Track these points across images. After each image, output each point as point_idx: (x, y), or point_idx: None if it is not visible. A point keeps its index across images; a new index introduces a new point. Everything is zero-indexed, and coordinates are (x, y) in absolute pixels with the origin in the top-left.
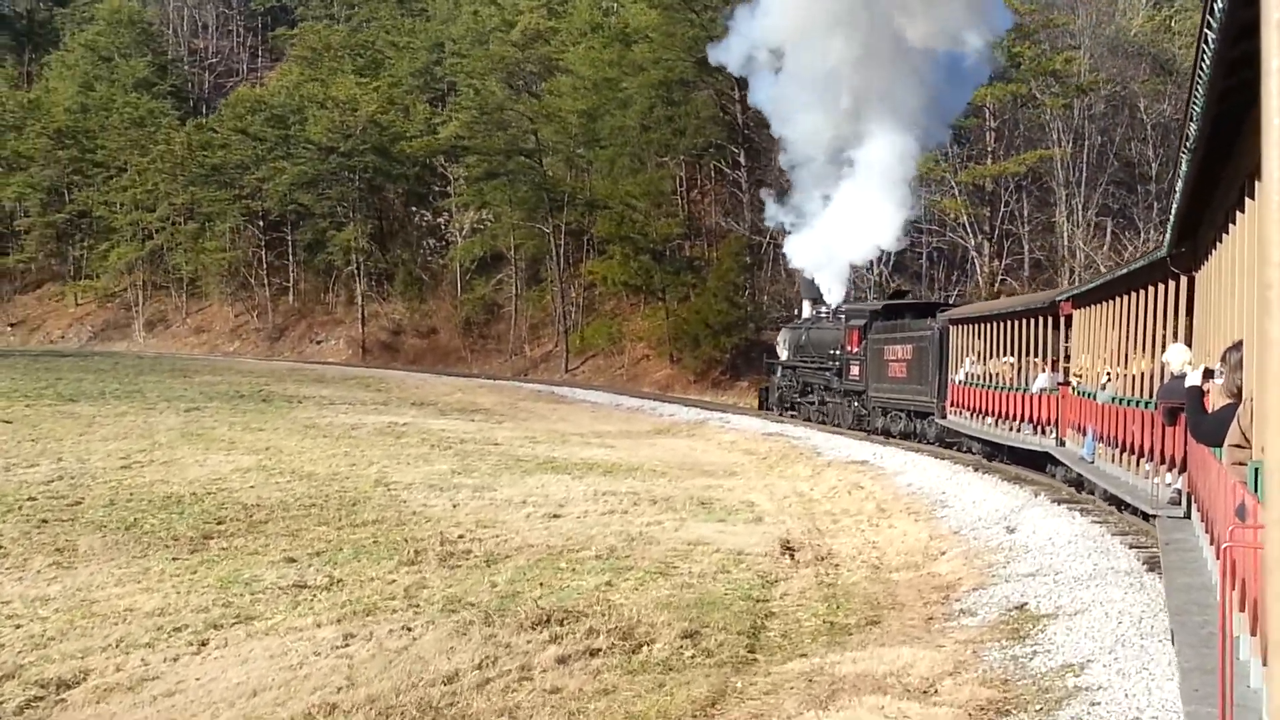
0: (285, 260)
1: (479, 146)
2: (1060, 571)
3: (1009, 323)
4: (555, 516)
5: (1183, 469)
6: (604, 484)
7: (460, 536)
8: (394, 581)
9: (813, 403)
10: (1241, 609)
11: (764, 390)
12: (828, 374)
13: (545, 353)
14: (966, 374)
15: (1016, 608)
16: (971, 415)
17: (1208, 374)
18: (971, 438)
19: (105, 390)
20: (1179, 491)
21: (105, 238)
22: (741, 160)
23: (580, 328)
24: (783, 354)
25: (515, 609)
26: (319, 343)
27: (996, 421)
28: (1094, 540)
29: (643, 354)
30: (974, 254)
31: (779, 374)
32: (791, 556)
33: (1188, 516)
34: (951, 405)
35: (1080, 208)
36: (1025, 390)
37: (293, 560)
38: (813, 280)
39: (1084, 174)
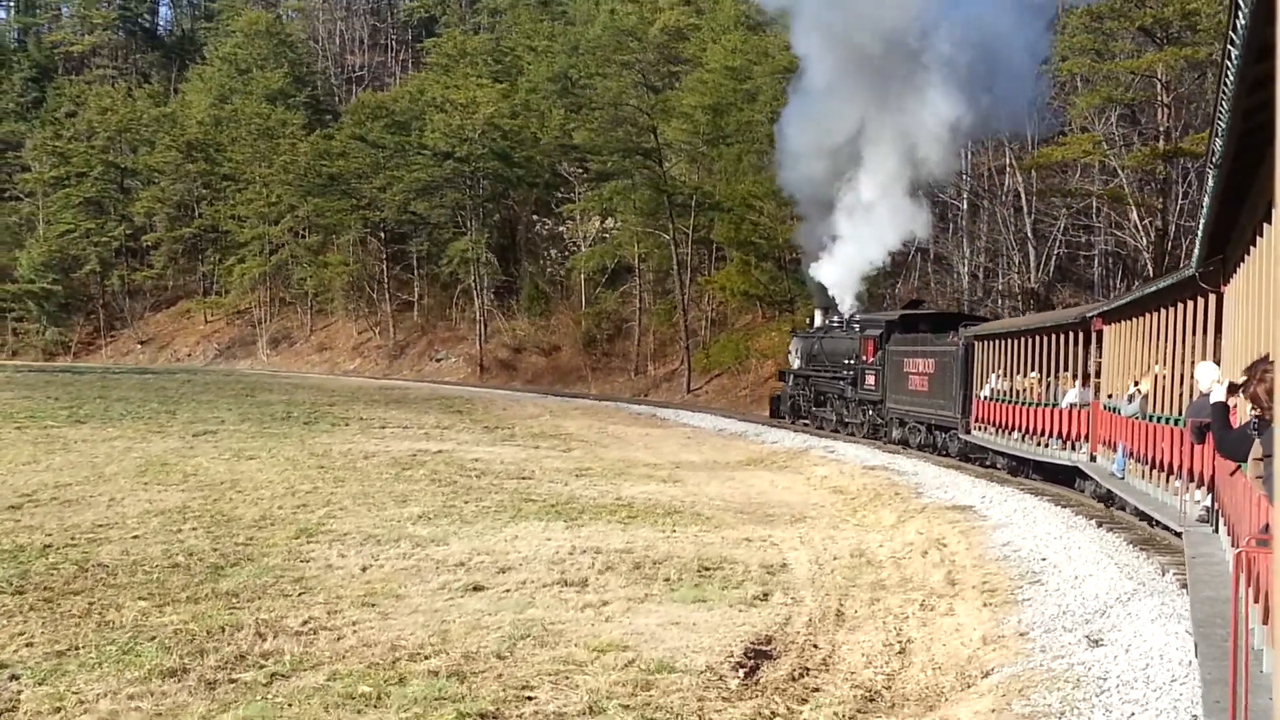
0: (409, 275)
1: (595, 145)
2: None
3: (1037, 338)
4: (475, 589)
5: (1211, 487)
6: (600, 537)
7: (304, 624)
8: None
9: (830, 417)
10: (1265, 621)
11: (774, 399)
12: (841, 383)
13: (669, 371)
14: (992, 389)
15: None
16: (997, 430)
17: (1233, 389)
18: (998, 453)
19: (134, 412)
20: (1208, 509)
21: (233, 252)
22: None
23: (706, 344)
24: (794, 362)
25: None
26: (438, 360)
27: (1023, 436)
28: None
29: (770, 372)
30: (1144, 253)
31: (790, 382)
32: (752, 671)
33: (1216, 531)
34: (976, 420)
35: None
36: (1054, 405)
37: (3, 665)
38: (824, 287)
39: None
